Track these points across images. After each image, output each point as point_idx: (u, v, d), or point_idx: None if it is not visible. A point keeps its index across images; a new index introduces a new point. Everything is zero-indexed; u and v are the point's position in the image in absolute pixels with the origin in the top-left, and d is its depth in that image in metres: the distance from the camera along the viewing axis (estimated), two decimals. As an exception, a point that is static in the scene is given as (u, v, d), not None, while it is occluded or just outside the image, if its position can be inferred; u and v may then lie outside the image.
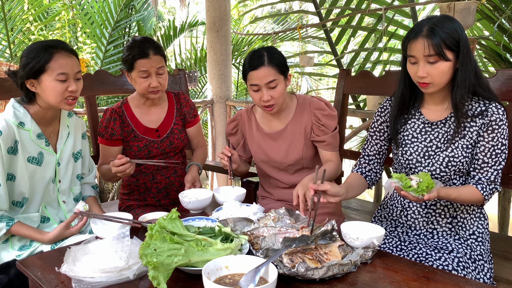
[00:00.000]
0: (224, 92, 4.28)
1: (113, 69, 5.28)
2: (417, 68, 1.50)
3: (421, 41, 1.46)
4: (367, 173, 1.78)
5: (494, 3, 3.26)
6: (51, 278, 1.24)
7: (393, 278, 1.25)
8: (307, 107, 1.94)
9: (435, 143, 1.60)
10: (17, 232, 1.62)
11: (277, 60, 1.80)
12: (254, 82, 1.80)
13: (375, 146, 1.77)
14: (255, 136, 2.01)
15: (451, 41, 1.45)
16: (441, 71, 1.47)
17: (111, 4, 5.41)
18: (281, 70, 1.81)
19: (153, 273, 1.11)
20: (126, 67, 1.98)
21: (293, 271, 1.19)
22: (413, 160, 1.62)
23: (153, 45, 1.95)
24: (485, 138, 1.52)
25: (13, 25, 5.01)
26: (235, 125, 2.07)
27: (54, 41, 1.67)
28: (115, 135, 2.02)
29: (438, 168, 1.57)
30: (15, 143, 1.61)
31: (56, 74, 1.61)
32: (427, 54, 1.45)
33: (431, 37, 1.44)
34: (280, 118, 1.97)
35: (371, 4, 3.43)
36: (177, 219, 1.27)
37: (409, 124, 1.66)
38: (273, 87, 1.80)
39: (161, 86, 1.98)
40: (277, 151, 1.97)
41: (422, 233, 1.65)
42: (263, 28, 8.76)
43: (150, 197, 2.15)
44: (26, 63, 1.61)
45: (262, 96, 1.80)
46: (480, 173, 1.55)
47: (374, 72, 3.15)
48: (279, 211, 1.59)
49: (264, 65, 1.78)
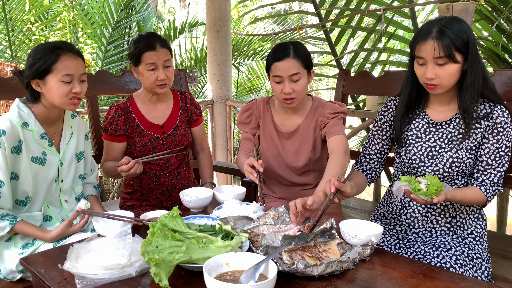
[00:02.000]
0: (224, 92, 4.30)
1: (113, 69, 5.30)
2: (425, 69, 1.49)
3: (431, 43, 1.46)
4: (368, 171, 1.80)
5: (493, 3, 3.27)
6: (55, 275, 1.26)
7: (391, 275, 1.27)
8: (320, 109, 1.92)
9: (439, 143, 1.61)
10: (20, 230, 1.64)
11: (303, 53, 1.79)
12: (278, 73, 1.78)
13: (377, 145, 1.79)
14: (269, 130, 1.99)
15: (460, 42, 1.45)
16: (450, 73, 1.47)
17: (112, 5, 5.42)
18: (305, 64, 1.80)
19: (155, 270, 1.12)
20: (133, 61, 2.00)
21: (293, 267, 1.21)
22: (416, 159, 1.63)
23: (159, 39, 1.99)
24: (489, 140, 1.53)
25: (13, 25, 5.03)
26: (249, 114, 2.03)
27: (61, 43, 1.69)
28: (119, 130, 2.04)
29: (442, 168, 1.58)
30: (19, 142, 1.63)
31: (61, 75, 1.63)
32: (437, 56, 1.45)
33: (441, 38, 1.44)
34: (294, 117, 1.95)
35: (370, 4, 3.44)
36: (178, 217, 1.28)
37: (414, 124, 1.67)
38: (296, 80, 1.78)
39: (168, 79, 2.00)
40: (288, 151, 1.97)
41: (421, 231, 1.67)
42: (263, 29, 8.77)
43: (153, 198, 2.16)
44: (33, 63, 1.63)
45: (284, 88, 1.79)
46: (484, 174, 1.56)
47: (373, 73, 3.16)
48: (279, 210, 1.61)
49: (290, 57, 1.77)
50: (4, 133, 1.58)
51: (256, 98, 2.06)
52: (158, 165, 2.12)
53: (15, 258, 1.61)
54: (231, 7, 4.47)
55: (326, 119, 1.88)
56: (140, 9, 6.08)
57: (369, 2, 3.45)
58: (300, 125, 1.94)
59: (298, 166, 1.96)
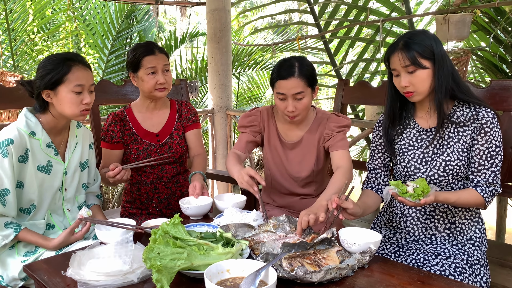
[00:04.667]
0: (224, 101, 4.33)
1: (114, 79, 5.34)
2: (400, 79, 1.59)
3: (398, 54, 1.57)
4: (377, 187, 1.82)
5: (490, 15, 3.32)
6: (57, 281, 1.28)
7: (389, 282, 1.28)
8: (324, 121, 1.93)
9: (431, 149, 1.65)
10: (24, 238, 1.65)
11: (307, 72, 1.79)
12: (282, 91, 1.79)
13: (379, 159, 1.82)
14: (273, 140, 2.00)
15: (425, 50, 1.55)
16: (421, 79, 1.56)
17: (113, 15, 5.48)
18: (310, 83, 1.80)
19: (156, 276, 1.14)
20: (132, 68, 2.04)
21: (292, 274, 1.22)
22: (411, 167, 1.67)
23: (157, 46, 2.06)
24: (479, 142, 1.58)
25: (16, 36, 5.09)
26: (251, 120, 2.02)
27: (72, 54, 1.73)
28: (115, 137, 2.07)
29: (436, 173, 1.62)
30: (26, 151, 1.65)
31: (73, 85, 1.67)
32: (403, 65, 1.56)
33: (405, 49, 1.56)
34: (298, 129, 1.96)
35: (369, 15, 3.49)
36: (180, 224, 1.30)
37: (405, 133, 1.72)
38: (300, 99, 1.79)
39: (167, 83, 2.04)
40: (292, 161, 1.97)
41: (421, 238, 1.69)
42: (263, 39, 8.85)
43: (152, 206, 2.18)
44: (44, 74, 1.66)
45: (288, 106, 1.79)
46: (478, 175, 1.59)
47: (372, 83, 3.20)
48: (279, 218, 1.63)
49: (294, 76, 1.77)
50: (12, 142, 1.60)
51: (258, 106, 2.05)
52: (154, 173, 2.14)
53: (18, 266, 1.62)
54: (232, 18, 4.52)
55: (331, 132, 1.90)
56: (141, 19, 6.14)
57: (368, 13, 3.51)
58: (304, 136, 1.95)
59: (301, 176, 1.98)
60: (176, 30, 7.80)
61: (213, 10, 4.17)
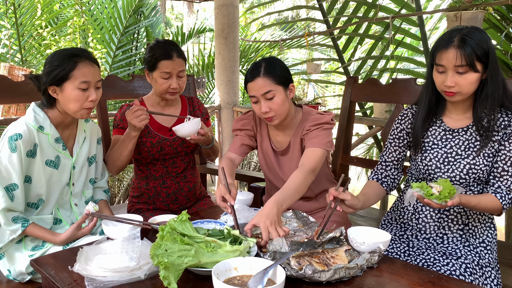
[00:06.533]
0: (231, 98, 4.32)
1: (121, 74, 5.34)
2: (445, 77, 1.51)
3: (453, 51, 1.47)
4: (383, 179, 1.80)
5: (502, 12, 3.27)
6: (64, 276, 1.27)
7: (399, 282, 1.27)
8: (306, 121, 1.88)
9: (456, 149, 1.61)
10: (31, 233, 1.65)
11: (275, 70, 1.77)
12: (252, 93, 1.78)
13: (394, 152, 1.79)
14: (266, 146, 1.99)
15: (481, 52, 1.46)
16: (470, 82, 1.48)
17: (120, 10, 5.48)
18: (279, 81, 1.76)
19: (164, 273, 1.13)
20: (148, 66, 2.02)
21: (301, 273, 1.21)
22: (432, 166, 1.63)
23: (176, 48, 2.01)
24: (506, 147, 1.54)
25: (24, 30, 5.10)
26: (244, 123, 2.01)
27: (78, 50, 1.72)
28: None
29: (458, 175, 1.58)
30: (34, 146, 1.65)
31: (78, 82, 1.65)
32: (458, 64, 1.46)
33: (463, 47, 1.45)
34: (284, 134, 1.93)
35: (378, 12, 3.46)
36: (187, 221, 1.29)
37: (430, 131, 1.68)
38: (270, 98, 1.76)
39: (179, 88, 2.03)
40: (283, 167, 1.95)
41: (432, 237, 1.66)
42: (271, 35, 8.82)
43: (159, 201, 2.18)
44: (51, 70, 1.65)
45: (261, 108, 1.77)
46: (500, 181, 1.56)
47: (381, 80, 3.17)
48: (286, 215, 1.62)
49: (260, 76, 1.75)
50: (21, 136, 1.60)
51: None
52: (164, 167, 2.14)
53: (25, 260, 1.63)
54: (240, 14, 4.50)
55: (307, 131, 1.85)
56: (149, 15, 6.13)
57: (377, 10, 3.47)
58: (291, 141, 1.91)
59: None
60: (183, 25, 7.79)
61: (221, 6, 4.15)
